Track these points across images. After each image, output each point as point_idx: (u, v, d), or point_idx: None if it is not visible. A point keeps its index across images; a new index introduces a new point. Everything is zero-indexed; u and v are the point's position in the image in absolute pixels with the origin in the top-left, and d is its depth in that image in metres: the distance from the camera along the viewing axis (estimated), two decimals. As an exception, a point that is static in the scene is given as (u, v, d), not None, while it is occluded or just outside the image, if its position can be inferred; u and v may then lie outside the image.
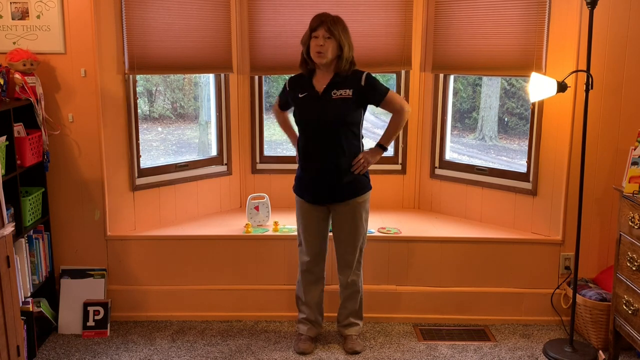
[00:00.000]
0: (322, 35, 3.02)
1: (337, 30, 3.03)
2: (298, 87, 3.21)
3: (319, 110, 3.11)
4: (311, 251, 3.30)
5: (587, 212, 3.50)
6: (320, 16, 3.07)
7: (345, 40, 3.06)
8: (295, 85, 3.24)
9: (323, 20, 3.03)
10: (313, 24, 3.07)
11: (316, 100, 3.12)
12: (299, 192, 3.28)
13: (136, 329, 3.63)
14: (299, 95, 3.18)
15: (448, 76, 4.08)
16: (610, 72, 3.45)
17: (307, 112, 3.16)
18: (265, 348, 3.41)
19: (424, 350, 3.39)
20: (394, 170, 4.25)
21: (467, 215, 4.07)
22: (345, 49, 3.06)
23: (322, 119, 3.10)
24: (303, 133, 3.21)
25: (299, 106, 3.20)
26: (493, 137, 4.96)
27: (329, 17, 3.06)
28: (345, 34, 3.08)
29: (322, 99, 3.11)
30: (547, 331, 3.62)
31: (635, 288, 2.97)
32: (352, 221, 3.22)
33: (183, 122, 4.71)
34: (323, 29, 3.02)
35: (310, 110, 3.14)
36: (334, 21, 3.05)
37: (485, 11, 3.75)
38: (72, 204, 3.62)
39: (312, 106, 3.13)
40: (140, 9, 3.58)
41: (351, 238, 3.25)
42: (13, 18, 3.40)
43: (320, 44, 3.02)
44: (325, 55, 3.04)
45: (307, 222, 3.28)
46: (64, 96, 3.49)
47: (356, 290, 3.35)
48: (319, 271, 3.35)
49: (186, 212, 4.02)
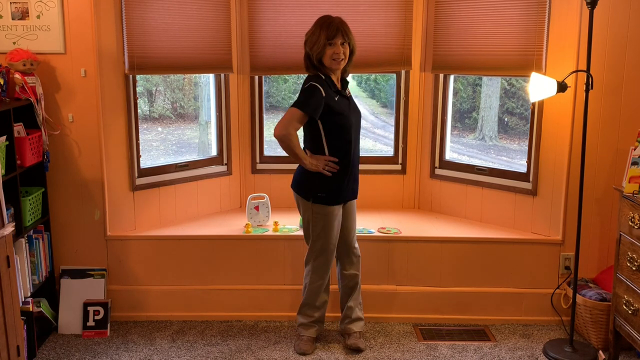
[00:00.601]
0: (340, 42, 3.07)
1: (350, 35, 3.11)
2: (330, 89, 3.11)
3: (353, 110, 3.21)
4: (333, 255, 3.32)
5: (587, 212, 3.50)
6: (334, 24, 3.07)
7: (354, 42, 3.15)
8: (327, 88, 3.09)
9: (338, 28, 3.06)
10: (330, 32, 3.04)
11: (348, 101, 3.21)
12: (335, 198, 3.19)
13: (136, 329, 3.63)
14: (335, 98, 3.12)
15: (448, 76, 4.08)
16: (610, 72, 3.45)
17: (348, 114, 3.15)
18: (265, 348, 3.41)
19: (424, 350, 3.39)
20: (394, 170, 4.25)
21: (467, 215, 4.07)
22: (355, 51, 3.16)
23: (357, 119, 3.23)
24: (346, 136, 3.13)
25: (339, 109, 3.11)
26: (493, 137, 4.96)
27: (342, 24, 3.10)
28: (353, 36, 3.15)
29: (350, 99, 3.23)
30: (547, 331, 3.62)
31: (635, 288, 2.97)
32: (355, 213, 3.39)
33: (183, 122, 4.71)
34: (340, 37, 3.06)
35: (349, 111, 3.18)
36: (345, 26, 3.10)
37: (485, 11, 3.75)
38: (72, 204, 3.62)
39: (349, 107, 3.19)
40: (140, 9, 3.58)
41: (355, 229, 3.41)
42: (13, 18, 3.40)
43: (341, 51, 3.07)
44: (345, 60, 3.12)
45: (335, 226, 3.22)
46: (64, 96, 3.50)
47: (358, 280, 3.43)
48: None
49: (186, 212, 4.02)
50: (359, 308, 3.43)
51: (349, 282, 3.40)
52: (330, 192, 3.16)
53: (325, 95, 3.05)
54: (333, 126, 3.11)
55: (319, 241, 3.23)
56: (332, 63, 3.08)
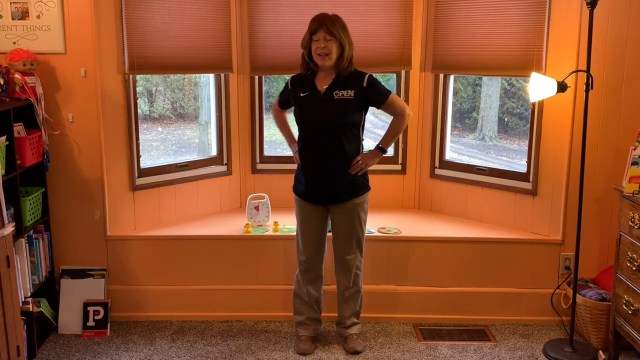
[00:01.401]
0: (323, 37, 3.01)
1: (337, 30, 3.02)
2: (300, 86, 3.19)
3: (321, 110, 3.11)
4: (308, 250, 3.30)
5: (587, 212, 3.50)
6: (318, 18, 3.05)
7: (346, 38, 3.05)
8: (297, 84, 3.22)
9: (322, 22, 3.02)
10: (312, 26, 3.04)
11: (318, 100, 3.12)
12: (299, 191, 3.27)
13: (136, 329, 3.63)
14: (300, 94, 3.17)
15: (448, 76, 4.08)
16: (610, 72, 3.45)
17: (309, 111, 3.15)
18: (265, 348, 3.41)
19: (424, 350, 3.39)
20: (394, 170, 4.26)
21: (467, 215, 4.07)
22: (346, 47, 3.06)
23: (324, 119, 3.10)
24: (304, 133, 3.19)
25: (300, 105, 3.18)
26: (493, 137, 4.96)
27: (327, 17, 3.04)
28: (345, 32, 3.06)
29: (324, 99, 3.11)
30: (547, 331, 3.62)
31: (635, 288, 2.97)
32: (350, 222, 3.22)
33: (183, 122, 4.71)
34: (323, 31, 3.01)
35: (311, 110, 3.14)
36: (332, 21, 3.03)
37: (485, 11, 3.75)
38: (72, 204, 3.62)
39: (314, 106, 3.12)
40: (140, 9, 3.58)
41: (349, 239, 3.25)
42: (13, 18, 3.40)
43: (322, 46, 3.01)
44: (330, 57, 3.03)
45: (305, 222, 3.28)
46: (64, 96, 3.50)
47: (357, 291, 3.35)
48: (317, 269, 3.35)
49: (186, 212, 4.02)
50: (355, 315, 3.40)
51: (340, 288, 3.38)
52: (296, 179, 3.30)
53: (290, 89, 3.25)
54: (296, 119, 3.23)
55: (297, 228, 3.35)
56: (317, 58, 3.06)
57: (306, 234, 3.29)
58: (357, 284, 3.34)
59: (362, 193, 3.22)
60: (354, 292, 3.35)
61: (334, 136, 3.09)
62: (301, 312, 3.42)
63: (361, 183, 3.21)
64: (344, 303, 3.39)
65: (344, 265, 3.30)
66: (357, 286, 3.34)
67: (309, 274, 3.34)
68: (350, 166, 3.14)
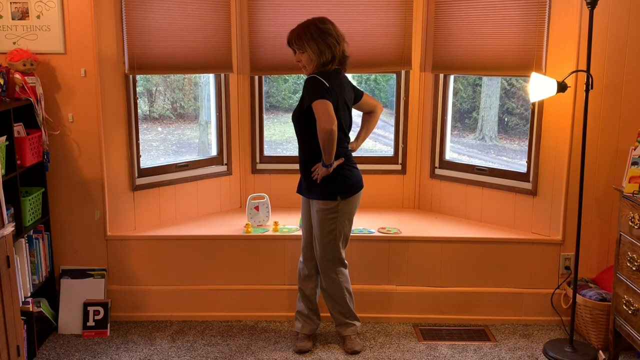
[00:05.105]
0: (295, 52, 3.14)
1: (300, 44, 3.07)
2: None
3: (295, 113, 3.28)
4: (302, 240, 3.38)
5: (587, 212, 3.50)
6: (287, 36, 3.15)
7: (317, 47, 3.05)
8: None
9: (288, 40, 3.14)
10: None
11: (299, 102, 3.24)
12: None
13: (136, 329, 3.63)
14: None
15: (448, 76, 4.08)
16: (610, 72, 3.45)
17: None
18: (265, 348, 3.41)
19: (424, 350, 3.39)
20: (394, 170, 4.25)
21: (467, 215, 4.07)
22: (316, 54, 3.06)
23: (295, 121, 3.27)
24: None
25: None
26: (493, 137, 4.96)
27: (292, 33, 3.12)
28: (313, 42, 3.05)
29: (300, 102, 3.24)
30: (547, 331, 3.62)
31: (635, 288, 2.97)
32: (314, 222, 3.26)
33: (183, 122, 4.71)
34: (292, 48, 3.14)
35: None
36: (297, 35, 3.09)
37: (485, 11, 3.75)
38: (72, 204, 3.62)
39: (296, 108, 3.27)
40: (140, 9, 3.58)
41: (314, 239, 3.28)
42: (13, 18, 3.40)
43: (297, 60, 3.15)
44: (306, 67, 3.14)
45: (301, 212, 3.37)
46: (64, 96, 3.50)
47: (328, 294, 3.33)
48: (308, 265, 3.36)
49: (186, 212, 4.02)
50: (344, 315, 3.37)
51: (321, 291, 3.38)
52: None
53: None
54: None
55: None
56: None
57: (302, 224, 3.39)
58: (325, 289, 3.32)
59: (320, 198, 3.16)
60: (327, 295, 3.34)
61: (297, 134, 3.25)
62: (298, 306, 3.43)
63: (323, 188, 3.14)
64: (326, 303, 3.39)
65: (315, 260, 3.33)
66: (328, 290, 3.31)
67: (303, 269, 3.37)
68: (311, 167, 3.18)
